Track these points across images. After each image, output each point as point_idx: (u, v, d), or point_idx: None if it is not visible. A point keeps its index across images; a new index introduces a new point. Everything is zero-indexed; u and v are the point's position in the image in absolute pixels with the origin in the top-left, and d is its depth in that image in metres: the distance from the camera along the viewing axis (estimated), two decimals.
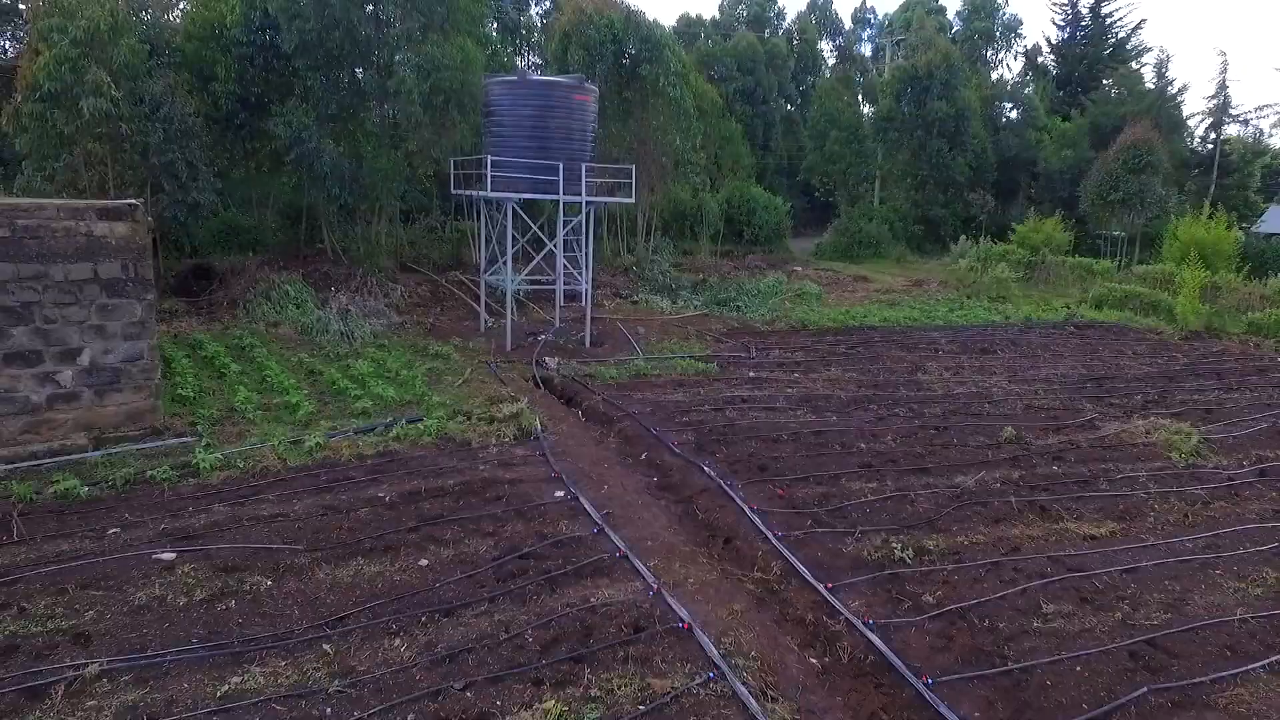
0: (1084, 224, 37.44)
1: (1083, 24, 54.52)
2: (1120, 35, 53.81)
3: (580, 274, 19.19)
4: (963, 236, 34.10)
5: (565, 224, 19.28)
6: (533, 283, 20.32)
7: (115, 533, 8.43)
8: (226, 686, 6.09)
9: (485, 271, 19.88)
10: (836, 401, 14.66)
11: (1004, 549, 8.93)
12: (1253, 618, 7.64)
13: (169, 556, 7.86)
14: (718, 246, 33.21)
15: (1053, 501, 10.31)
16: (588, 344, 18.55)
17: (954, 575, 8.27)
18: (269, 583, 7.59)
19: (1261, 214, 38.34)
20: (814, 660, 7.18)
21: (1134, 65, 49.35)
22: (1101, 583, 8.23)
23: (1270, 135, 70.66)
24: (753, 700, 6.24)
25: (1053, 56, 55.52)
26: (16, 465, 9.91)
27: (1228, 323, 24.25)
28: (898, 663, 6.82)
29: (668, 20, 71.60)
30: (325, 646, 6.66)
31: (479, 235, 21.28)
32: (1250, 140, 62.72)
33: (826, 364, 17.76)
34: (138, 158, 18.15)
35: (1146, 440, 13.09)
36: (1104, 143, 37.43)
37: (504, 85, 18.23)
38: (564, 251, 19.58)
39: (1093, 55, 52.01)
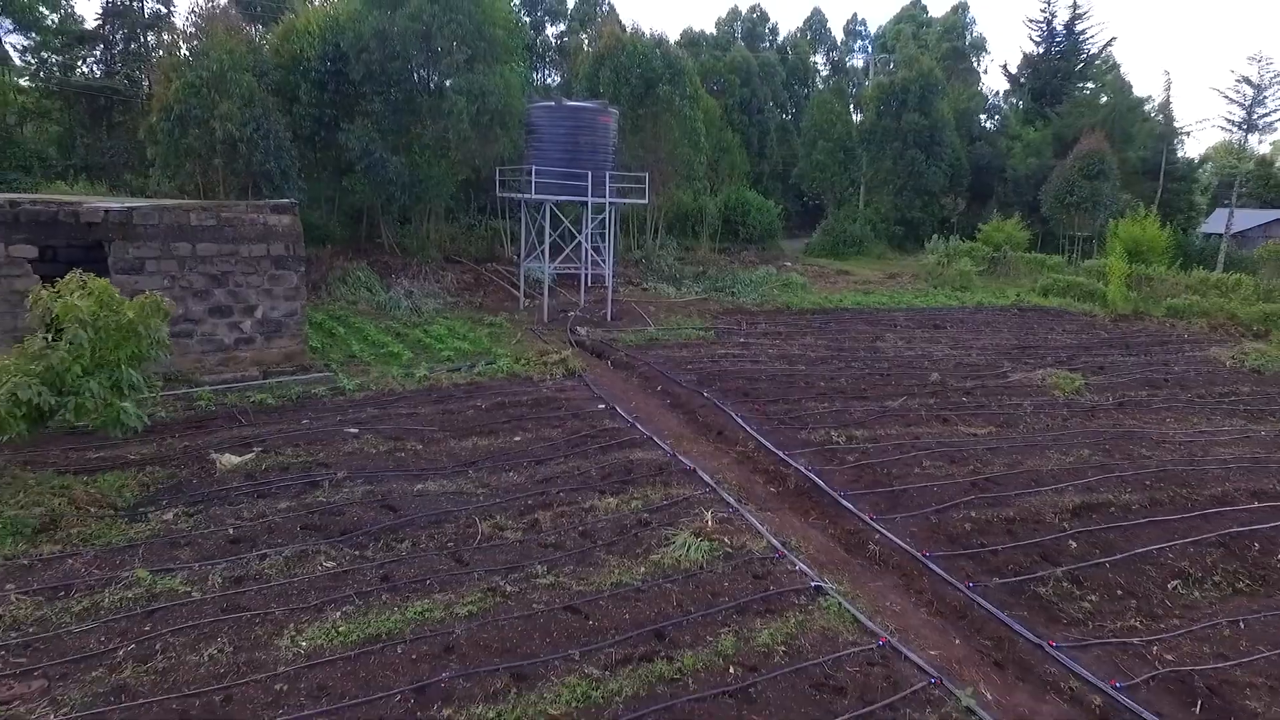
0: (1048, 224, 41.60)
1: (1057, 40, 58.75)
2: (1092, 51, 58.17)
3: (603, 262, 23.32)
4: (935, 235, 38.11)
5: (591, 221, 23.40)
6: (561, 270, 24.45)
7: (307, 421, 12.55)
8: (417, 488, 10.21)
9: (524, 260, 24.03)
10: (807, 359, 18.77)
11: (908, 438, 13.03)
12: (1058, 469, 11.75)
13: (353, 431, 11.99)
14: (716, 244, 37.28)
15: (953, 415, 14.42)
16: (609, 318, 22.65)
17: (869, 449, 12.37)
18: (420, 446, 11.72)
19: (1206, 215, 42.41)
20: (772, 488, 11.29)
21: (1104, 79, 53.62)
22: (968, 454, 12.32)
23: (1260, 143, 75.09)
24: (733, 500, 10.36)
25: (1028, 70, 59.77)
26: (216, 387, 14.01)
27: (1152, 307, 28.34)
28: (825, 486, 10.92)
29: (671, 35, 75.76)
30: (470, 473, 10.79)
31: (520, 230, 25.39)
32: (1236, 147, 67.05)
33: (803, 334, 21.88)
34: (241, 166, 22.24)
35: (1041, 383, 17.21)
36: (1065, 151, 41.55)
37: (543, 109, 22.46)
38: (588, 245, 23.72)
39: (1064, 69, 56.22)
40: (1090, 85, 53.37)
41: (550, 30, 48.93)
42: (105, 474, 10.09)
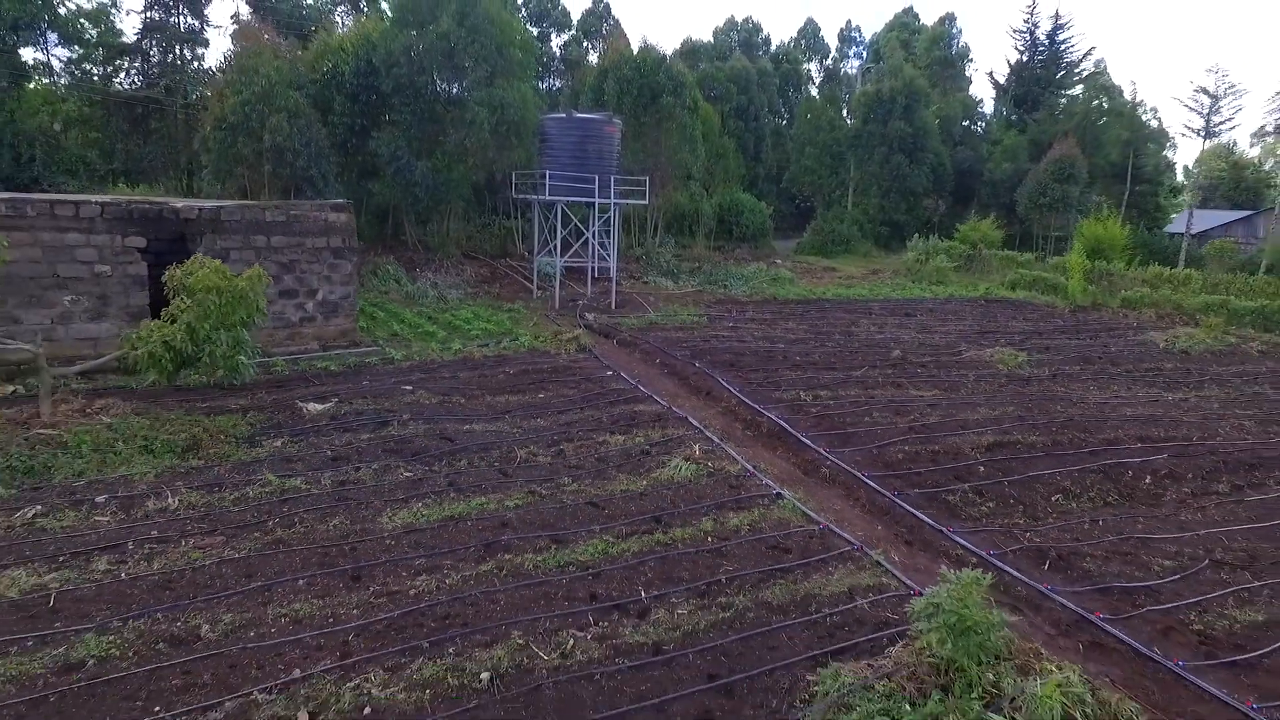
0: (1024, 224, 44.31)
1: (1040, 49, 61.54)
2: (1073, 59, 60.93)
3: (608, 257, 25.98)
4: (916, 235, 40.79)
5: (597, 220, 26.07)
6: (570, 265, 27.12)
7: (368, 382, 15.21)
8: (466, 427, 12.87)
9: (537, 254, 26.71)
10: (786, 339, 21.44)
11: (864, 398, 15.68)
12: (982, 419, 14.39)
13: (408, 388, 14.66)
14: (711, 243, 39.91)
15: (906, 381, 17.08)
16: (613, 306, 25.31)
17: (831, 405, 15.03)
18: (464, 400, 14.39)
19: (1172, 216, 45.09)
20: (748, 432, 13.95)
21: (1095, 83, 56.35)
22: (911, 409, 14.97)
23: (1252, 146, 78.21)
24: (716, 438, 13.02)
25: (1013, 78, 62.53)
26: (286, 356, 16.66)
27: (1109, 299, 30.99)
28: (790, 429, 13.58)
29: (672, 43, 78.41)
30: (506, 418, 13.45)
31: (532, 228, 28.06)
32: (1224, 151, 70.07)
33: (786, 320, 24.55)
34: (286, 171, 24.90)
35: (989, 360, 19.85)
36: (1040, 156, 44.29)
37: (555, 120, 25.19)
38: (595, 241, 26.39)
39: (1045, 77, 58.99)
40: (1073, 91, 55.96)
41: (555, 41, 51.65)
42: (217, 417, 12.75)
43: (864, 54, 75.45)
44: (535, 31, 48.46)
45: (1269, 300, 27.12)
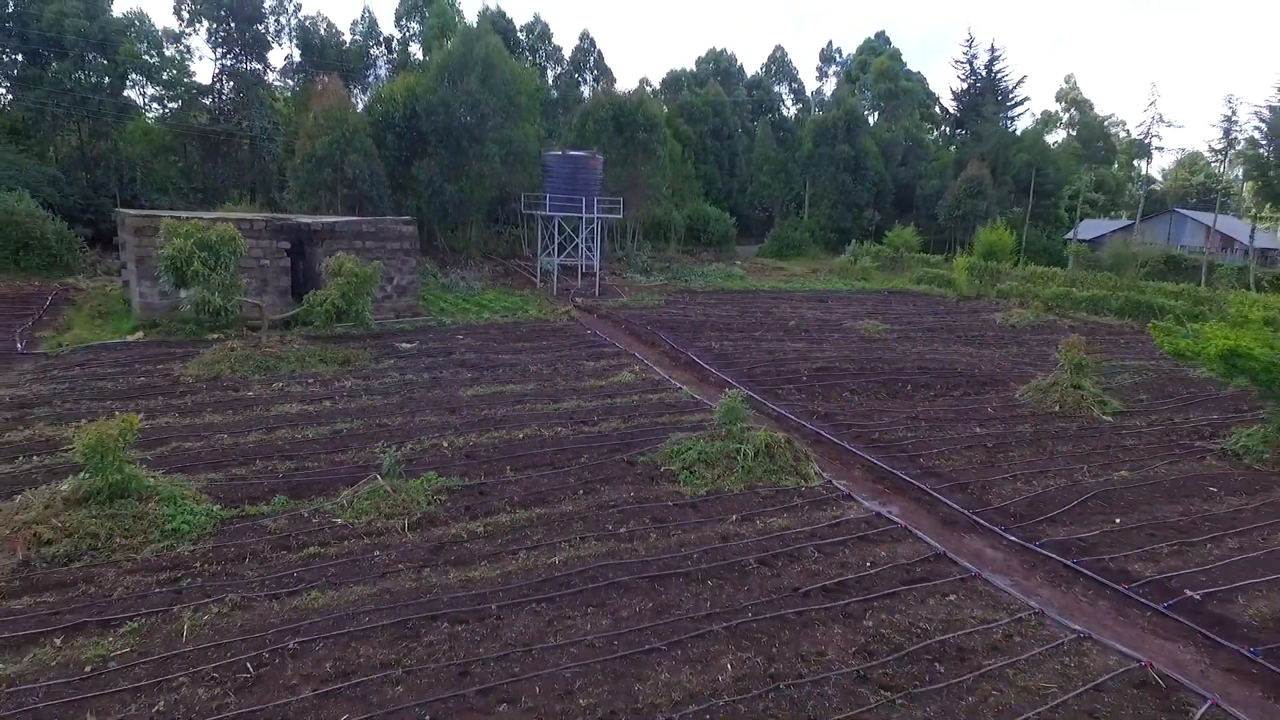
0: (946, 231, 52.79)
1: (979, 78, 70.27)
2: (1006, 87, 69.65)
3: (593, 258, 34.46)
4: (855, 240, 49.26)
5: (585, 229, 34.53)
6: (564, 264, 35.57)
7: (432, 335, 23.62)
8: (500, 357, 21.32)
9: (540, 255, 35.18)
10: (718, 315, 29.87)
11: (753, 346, 24.09)
12: (820, 355, 22.79)
13: (461, 337, 23.09)
14: (682, 247, 48.39)
15: (786, 338, 25.51)
16: (597, 294, 33.72)
17: (734, 350, 23.44)
18: (496, 344, 22.84)
19: (1072, 226, 53.62)
20: (672, 362, 22.38)
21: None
22: (779, 351, 23.37)
23: (1224, 156, 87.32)
24: (651, 364, 21.47)
25: (954, 103, 71.25)
26: (376, 321, 25.02)
27: (989, 290, 39.40)
28: (698, 360, 21.99)
29: (658, 70, 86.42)
30: (522, 354, 21.91)
31: (536, 235, 36.48)
32: (1190, 162, 78.88)
33: (725, 305, 32.99)
34: (354, 194, 33.33)
35: (858, 328, 28.25)
36: (959, 175, 52.83)
37: (554, 156, 33.76)
38: (583, 246, 34.83)
39: (981, 103, 67.65)
40: (1014, 112, 64.70)
41: (550, 74, 60.02)
42: (349, 349, 21.13)
43: (841, 73, 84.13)
44: (530, 60, 56.79)
45: (1098, 290, 35.54)
